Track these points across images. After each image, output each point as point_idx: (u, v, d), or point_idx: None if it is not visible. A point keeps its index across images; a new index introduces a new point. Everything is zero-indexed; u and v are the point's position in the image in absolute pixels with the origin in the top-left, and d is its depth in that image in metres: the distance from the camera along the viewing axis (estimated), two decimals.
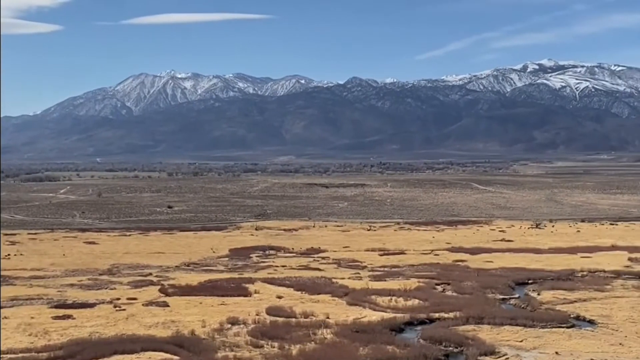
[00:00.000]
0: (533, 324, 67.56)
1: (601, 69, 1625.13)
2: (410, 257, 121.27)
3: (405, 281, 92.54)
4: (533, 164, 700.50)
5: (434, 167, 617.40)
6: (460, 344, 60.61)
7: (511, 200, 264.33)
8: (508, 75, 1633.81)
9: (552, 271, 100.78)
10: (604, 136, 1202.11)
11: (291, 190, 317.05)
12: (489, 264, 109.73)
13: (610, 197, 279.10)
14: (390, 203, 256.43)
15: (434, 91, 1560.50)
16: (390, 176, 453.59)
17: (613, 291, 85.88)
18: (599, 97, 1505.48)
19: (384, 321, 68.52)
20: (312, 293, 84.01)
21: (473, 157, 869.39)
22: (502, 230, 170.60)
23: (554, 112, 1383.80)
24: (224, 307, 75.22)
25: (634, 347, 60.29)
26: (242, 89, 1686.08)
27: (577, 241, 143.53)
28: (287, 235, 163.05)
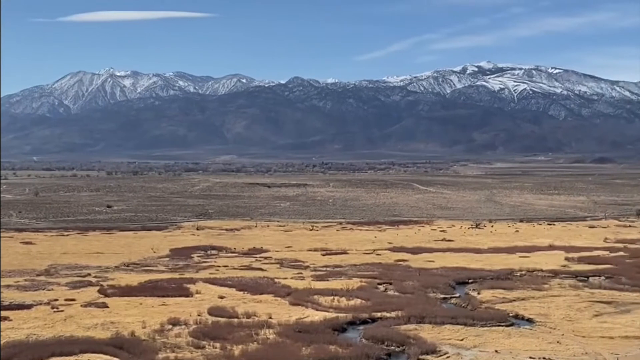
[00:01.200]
0: (473, 323, 68.45)
1: (538, 72, 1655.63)
2: (353, 256, 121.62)
3: (348, 281, 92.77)
4: (473, 165, 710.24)
5: (375, 168, 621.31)
6: (402, 343, 61.03)
7: (451, 201, 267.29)
8: (448, 77, 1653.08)
9: (492, 271, 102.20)
10: (541, 138, 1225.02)
11: (233, 189, 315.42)
12: (430, 264, 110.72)
13: (548, 197, 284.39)
14: (333, 203, 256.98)
15: (375, 92, 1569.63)
16: (332, 176, 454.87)
17: (550, 290, 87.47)
18: (537, 99, 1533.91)
19: (326, 321, 68.58)
20: (254, 293, 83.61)
21: (414, 158, 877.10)
22: (443, 230, 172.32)
23: (493, 113, 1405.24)
24: (164, 308, 74.32)
25: (571, 345, 61.51)
26: (182, 87, 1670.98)
27: (516, 241, 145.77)
28: (229, 235, 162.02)
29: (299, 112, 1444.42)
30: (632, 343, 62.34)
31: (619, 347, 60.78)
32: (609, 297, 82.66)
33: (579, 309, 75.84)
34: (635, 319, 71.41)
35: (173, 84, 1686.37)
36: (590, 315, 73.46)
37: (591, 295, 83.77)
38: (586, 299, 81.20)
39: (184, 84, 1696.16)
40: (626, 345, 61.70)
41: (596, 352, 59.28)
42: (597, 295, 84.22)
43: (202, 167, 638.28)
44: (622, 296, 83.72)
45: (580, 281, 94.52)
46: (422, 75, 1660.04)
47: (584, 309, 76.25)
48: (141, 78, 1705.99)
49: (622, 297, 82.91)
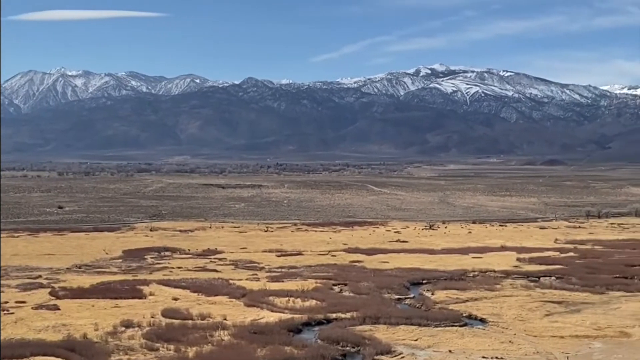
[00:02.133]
0: (427, 323, 68.97)
1: (490, 75, 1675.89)
2: (308, 258, 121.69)
3: (303, 282, 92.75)
4: (426, 167, 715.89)
5: (330, 169, 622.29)
6: (357, 343, 61.22)
7: (406, 202, 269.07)
8: (401, 79, 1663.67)
9: (445, 271, 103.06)
10: (493, 140, 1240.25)
11: (187, 190, 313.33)
12: (385, 265, 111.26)
13: (500, 199, 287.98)
14: (287, 204, 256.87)
15: (330, 93, 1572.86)
16: (287, 177, 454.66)
17: (503, 290, 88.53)
18: (489, 101, 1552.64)
19: (281, 322, 68.48)
20: (209, 295, 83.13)
21: (368, 159, 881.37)
22: (397, 231, 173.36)
23: (446, 116, 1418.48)
24: (117, 310, 73.50)
25: (523, 344, 62.36)
26: (135, 87, 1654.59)
27: (469, 242, 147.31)
28: (183, 236, 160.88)
29: (253, 113, 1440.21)
30: (582, 342, 63.41)
31: (570, 346, 61.79)
32: (560, 297, 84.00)
33: (530, 309, 76.90)
34: (585, 318, 72.66)
35: (125, 83, 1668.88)
36: (541, 315, 74.53)
37: (542, 296, 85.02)
38: (537, 299, 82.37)
39: (136, 83, 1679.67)
40: (576, 344, 62.74)
41: (547, 351, 60.17)
42: (548, 295, 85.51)
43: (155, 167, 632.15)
44: (572, 296, 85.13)
45: (531, 281, 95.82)
46: (376, 77, 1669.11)
47: (536, 308, 77.34)
48: (93, 78, 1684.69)
49: (572, 297, 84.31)
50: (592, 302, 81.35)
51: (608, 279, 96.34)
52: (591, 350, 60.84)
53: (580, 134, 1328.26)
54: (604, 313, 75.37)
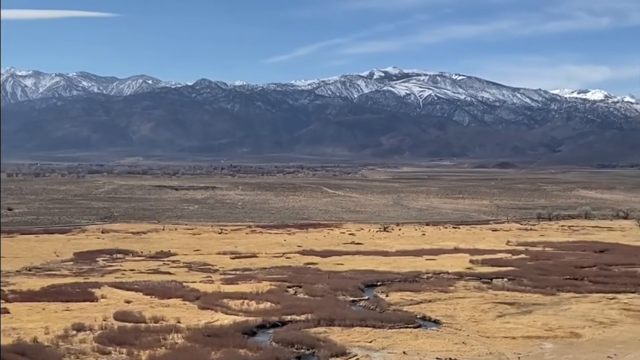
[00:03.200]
0: (382, 325, 69.17)
1: (443, 78, 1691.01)
2: (262, 260, 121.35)
3: (258, 284, 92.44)
4: (380, 169, 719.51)
5: (284, 171, 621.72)
6: (312, 345, 61.13)
7: (360, 204, 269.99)
8: (355, 82, 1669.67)
9: (400, 273, 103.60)
10: (446, 143, 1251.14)
11: (139, 192, 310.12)
12: (340, 267, 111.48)
13: (453, 201, 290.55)
14: (242, 206, 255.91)
15: (284, 95, 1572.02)
16: (241, 179, 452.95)
17: (456, 292, 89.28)
18: (442, 105, 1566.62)
19: (236, 324, 68.14)
20: (162, 297, 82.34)
21: (323, 162, 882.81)
22: (352, 233, 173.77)
23: (399, 118, 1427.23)
24: (68, 313, 72.35)
25: (476, 345, 62.93)
26: (86, 88, 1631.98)
27: (423, 244, 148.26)
28: (136, 239, 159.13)
29: (207, 114, 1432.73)
30: (534, 342, 64.21)
31: (521, 347, 62.51)
32: (512, 299, 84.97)
33: (483, 310, 77.65)
34: (536, 319, 73.60)
35: (76, 84, 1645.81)
36: (494, 316, 75.29)
37: (495, 297, 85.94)
38: (490, 301, 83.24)
39: (87, 84, 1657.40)
40: (528, 344, 63.51)
41: (500, 352, 60.79)
42: (500, 296, 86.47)
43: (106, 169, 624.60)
44: (524, 297, 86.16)
45: (484, 283, 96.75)
46: (330, 80, 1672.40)
47: (488, 310, 78.12)
48: (43, 78, 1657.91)
49: (524, 298, 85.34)
50: (543, 303, 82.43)
51: (559, 280, 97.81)
52: (542, 351, 61.63)
53: (531, 137, 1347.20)
54: (555, 314, 76.45)
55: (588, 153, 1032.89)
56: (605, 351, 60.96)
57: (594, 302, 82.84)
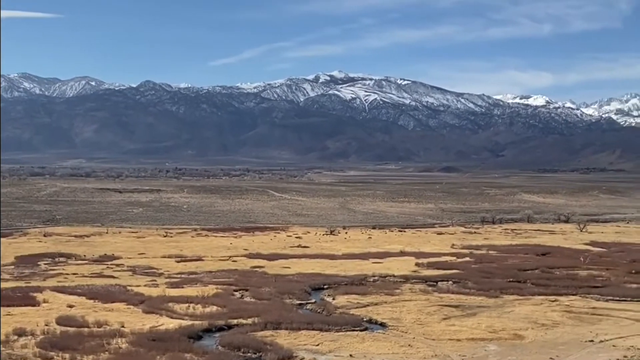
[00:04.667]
0: (329, 328, 69.24)
1: (388, 82, 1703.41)
2: (208, 263, 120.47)
3: (203, 288, 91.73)
4: (327, 172, 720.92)
5: (230, 174, 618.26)
6: (258, 349, 60.88)
7: (306, 207, 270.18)
8: (301, 85, 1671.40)
9: (346, 276, 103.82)
10: (392, 147, 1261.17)
11: (82, 195, 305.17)
12: (287, 270, 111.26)
13: (399, 205, 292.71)
14: (187, 209, 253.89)
15: (229, 98, 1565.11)
16: (186, 182, 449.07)
17: (402, 295, 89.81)
18: (387, 109, 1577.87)
19: (181, 329, 67.50)
20: (105, 301, 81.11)
21: (269, 165, 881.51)
22: (299, 236, 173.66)
23: (345, 122, 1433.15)
24: (9, 318, 70.69)
25: (421, 347, 63.40)
26: (27, 89, 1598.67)
27: (369, 247, 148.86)
28: (79, 242, 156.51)
29: (151, 117, 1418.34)
30: (478, 345, 64.95)
31: (466, 349, 63.17)
32: (457, 301, 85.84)
33: (428, 313, 78.26)
34: (480, 321, 74.46)
35: (18, 85, 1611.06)
36: (439, 318, 75.93)
37: (440, 300, 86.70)
38: (435, 303, 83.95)
39: (29, 85, 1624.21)
40: (472, 346, 64.21)
41: (445, 354, 61.34)
42: (445, 299, 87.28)
43: (48, 171, 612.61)
44: (468, 300, 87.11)
45: (429, 286, 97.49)
46: (276, 83, 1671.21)
47: (434, 312, 78.77)
48: None
49: (469, 301, 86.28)
50: (487, 306, 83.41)
51: (502, 283, 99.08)
52: (487, 353, 62.37)
53: (474, 141, 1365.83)
54: (499, 316, 77.42)
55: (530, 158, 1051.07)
56: (548, 352, 61.96)
57: (536, 305, 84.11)
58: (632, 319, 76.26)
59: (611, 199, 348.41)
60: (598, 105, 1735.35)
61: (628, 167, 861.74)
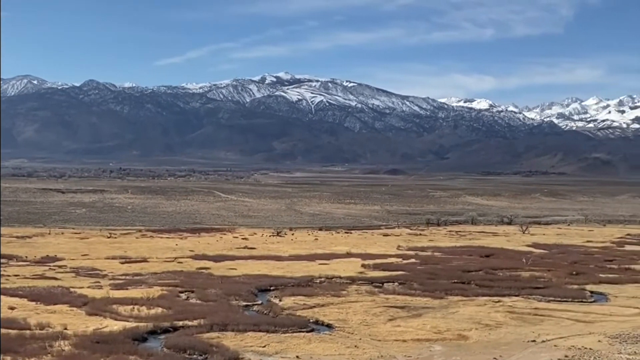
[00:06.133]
0: (275, 330, 69.12)
1: (334, 84, 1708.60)
2: (153, 264, 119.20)
3: (148, 289, 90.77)
4: (273, 174, 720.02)
5: (176, 174, 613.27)
6: (204, 351, 60.49)
7: (253, 209, 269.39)
8: (247, 86, 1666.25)
9: (293, 278, 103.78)
10: (338, 149, 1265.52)
11: (24, 195, 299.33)
12: (233, 271, 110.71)
13: (345, 206, 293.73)
14: (132, 210, 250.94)
15: (175, 98, 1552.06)
16: (131, 182, 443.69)
17: (348, 296, 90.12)
18: (333, 111, 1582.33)
19: (126, 331, 66.62)
20: (48, 303, 79.68)
21: (215, 165, 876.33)
22: (245, 237, 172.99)
23: (291, 123, 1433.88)
24: None
25: (368, 348, 63.71)
26: None
27: (316, 249, 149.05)
28: (20, 243, 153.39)
29: (95, 116, 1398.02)
30: (424, 345, 65.55)
31: (411, 350, 63.71)
32: (402, 302, 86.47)
33: (374, 314, 78.69)
34: (425, 322, 75.16)
35: None
36: (385, 319, 76.40)
37: (386, 301, 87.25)
38: (381, 304, 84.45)
39: None
40: (418, 347, 64.79)
41: (391, 355, 61.75)
42: (391, 300, 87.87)
43: None
44: (414, 301, 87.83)
45: (375, 287, 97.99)
46: (222, 83, 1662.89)
47: (380, 313, 79.22)
48: None
49: (414, 302, 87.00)
50: (432, 307, 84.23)
51: (447, 284, 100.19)
52: (432, 353, 62.97)
53: (420, 144, 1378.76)
54: (444, 317, 78.26)
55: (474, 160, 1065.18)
56: (492, 352, 62.83)
57: (480, 305, 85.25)
58: (573, 319, 77.89)
59: (552, 201, 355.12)
60: (540, 109, 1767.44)
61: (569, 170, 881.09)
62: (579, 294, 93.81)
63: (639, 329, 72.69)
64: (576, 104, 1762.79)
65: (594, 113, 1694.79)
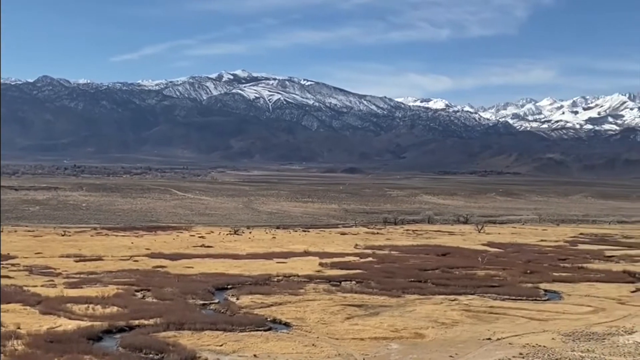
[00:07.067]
0: (233, 328, 68.92)
1: (292, 83, 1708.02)
2: (108, 263, 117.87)
3: (104, 288, 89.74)
4: (231, 172, 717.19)
5: (131, 172, 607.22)
6: (161, 350, 59.97)
7: (210, 207, 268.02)
8: (204, 84, 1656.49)
9: (250, 276, 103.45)
10: (296, 147, 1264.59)
11: None
12: (189, 270, 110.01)
13: (303, 205, 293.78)
14: (87, 207, 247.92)
15: (130, 95, 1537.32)
16: (85, 180, 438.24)
17: (306, 295, 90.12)
18: (291, 109, 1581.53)
19: (80, 330, 65.82)
20: None
21: (171, 163, 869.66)
22: (202, 236, 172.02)
23: (249, 122, 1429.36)
24: None
25: (325, 347, 63.80)
26: None
27: (273, 247, 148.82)
28: None
29: (49, 113, 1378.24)
30: (380, 343, 65.84)
31: (369, 348, 63.94)
32: (360, 301, 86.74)
33: (332, 313, 78.81)
34: (383, 320, 75.49)
35: None
36: (342, 318, 76.56)
37: (343, 299, 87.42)
38: (339, 303, 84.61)
39: None
40: (375, 345, 65.04)
41: (348, 353, 61.90)
42: (349, 299, 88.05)
43: None
44: (371, 299, 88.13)
45: (333, 286, 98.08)
46: (178, 81, 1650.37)
47: (337, 312, 79.38)
48: None
49: (371, 301, 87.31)
50: (389, 305, 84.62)
51: (404, 282, 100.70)
52: (389, 351, 63.27)
53: (377, 143, 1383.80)
54: (401, 315, 78.69)
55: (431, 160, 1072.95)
56: (448, 350, 63.35)
57: (436, 304, 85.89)
58: (527, 317, 78.87)
59: (507, 201, 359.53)
60: (495, 109, 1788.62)
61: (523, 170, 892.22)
62: (533, 293, 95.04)
63: (592, 326, 73.94)
64: (531, 105, 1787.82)
65: (548, 114, 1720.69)
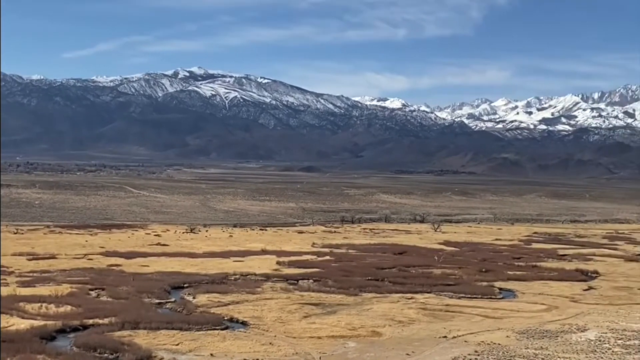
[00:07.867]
0: (189, 327, 68.56)
1: (249, 81, 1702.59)
2: (62, 261, 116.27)
3: (57, 287, 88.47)
4: (187, 170, 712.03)
5: (85, 169, 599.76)
6: (115, 350, 59.48)
7: (166, 205, 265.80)
8: (159, 80, 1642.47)
9: (207, 275, 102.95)
10: (253, 145, 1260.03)
11: None
12: (145, 268, 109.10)
13: (260, 203, 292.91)
14: (40, 205, 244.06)
15: (84, 91, 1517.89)
16: (38, 177, 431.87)
17: (263, 293, 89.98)
18: (247, 107, 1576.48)
19: (33, 329, 64.95)
20: None
21: (126, 160, 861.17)
22: (158, 234, 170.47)
23: (205, 119, 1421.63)
24: None
25: (283, 345, 63.78)
26: None
27: (230, 246, 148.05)
28: None
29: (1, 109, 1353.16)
30: (338, 342, 66.00)
31: (327, 346, 64.06)
32: (317, 299, 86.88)
33: (290, 311, 78.78)
34: (340, 319, 75.65)
35: None
36: (300, 316, 76.59)
37: (301, 298, 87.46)
38: (296, 301, 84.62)
39: None
40: (332, 344, 65.18)
41: (306, 351, 61.94)
42: (306, 297, 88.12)
43: None
44: (328, 298, 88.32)
45: (290, 284, 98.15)
46: (133, 77, 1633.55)
47: (295, 311, 79.35)
48: None
49: (329, 299, 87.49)
50: (347, 304, 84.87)
51: (361, 281, 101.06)
52: (346, 350, 63.45)
53: (334, 142, 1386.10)
54: (358, 314, 78.93)
55: (388, 159, 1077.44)
56: (404, 348, 63.69)
57: (393, 302, 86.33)
58: (482, 316, 79.72)
59: (463, 200, 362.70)
60: (451, 109, 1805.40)
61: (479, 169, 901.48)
62: (488, 291, 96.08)
63: (545, 324, 74.97)
64: (486, 105, 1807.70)
65: (503, 114, 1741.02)
